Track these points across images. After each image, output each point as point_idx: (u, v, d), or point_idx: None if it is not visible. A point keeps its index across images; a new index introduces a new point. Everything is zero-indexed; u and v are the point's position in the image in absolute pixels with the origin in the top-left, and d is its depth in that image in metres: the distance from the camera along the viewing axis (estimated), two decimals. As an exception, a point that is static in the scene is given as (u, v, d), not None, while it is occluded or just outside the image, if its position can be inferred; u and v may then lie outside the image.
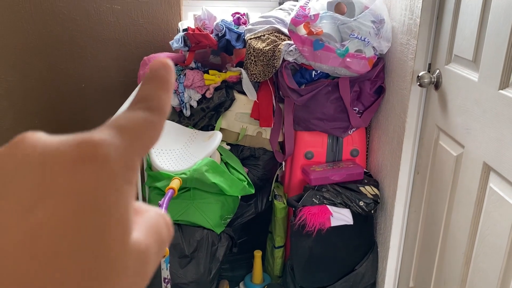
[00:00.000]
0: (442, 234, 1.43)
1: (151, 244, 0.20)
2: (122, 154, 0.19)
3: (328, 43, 1.63)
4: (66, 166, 0.18)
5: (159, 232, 0.21)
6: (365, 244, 1.80)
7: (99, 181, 0.18)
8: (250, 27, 1.86)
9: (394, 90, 1.65)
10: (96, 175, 0.18)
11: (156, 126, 0.22)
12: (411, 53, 1.50)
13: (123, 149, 0.19)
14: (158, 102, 0.22)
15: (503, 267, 1.10)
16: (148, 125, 0.21)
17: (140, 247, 0.19)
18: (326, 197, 1.69)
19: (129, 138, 0.20)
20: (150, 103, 0.22)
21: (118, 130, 0.20)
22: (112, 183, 0.18)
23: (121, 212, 0.18)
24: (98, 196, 0.18)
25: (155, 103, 0.22)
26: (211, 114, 1.84)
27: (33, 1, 2.09)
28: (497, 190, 1.13)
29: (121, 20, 2.16)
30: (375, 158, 1.85)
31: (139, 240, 0.20)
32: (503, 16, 1.08)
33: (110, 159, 0.19)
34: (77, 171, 0.18)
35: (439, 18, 1.43)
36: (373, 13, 1.61)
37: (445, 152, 1.40)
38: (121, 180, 0.19)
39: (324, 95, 1.73)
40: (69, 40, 2.17)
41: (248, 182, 1.72)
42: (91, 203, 0.17)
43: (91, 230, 0.17)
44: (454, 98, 1.34)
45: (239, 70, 1.83)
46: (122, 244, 0.18)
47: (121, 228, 0.18)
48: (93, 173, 0.18)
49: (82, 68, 2.22)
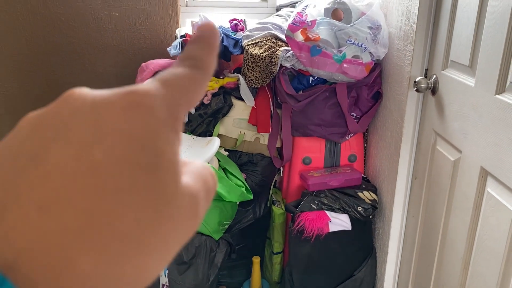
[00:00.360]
0: (440, 239, 1.43)
1: (200, 189, 0.21)
2: (167, 104, 0.20)
3: (325, 49, 1.63)
4: (117, 113, 0.19)
5: (206, 180, 0.22)
6: (363, 249, 1.80)
7: (148, 126, 0.19)
8: (248, 33, 1.86)
9: (391, 96, 1.66)
10: (144, 121, 0.19)
11: (200, 82, 0.23)
12: (407, 59, 1.50)
13: (168, 99, 0.21)
14: (203, 61, 0.24)
15: (501, 271, 1.10)
16: (192, 81, 0.23)
17: (191, 190, 0.20)
18: (324, 203, 1.69)
19: (173, 91, 0.21)
20: (195, 61, 0.23)
21: (163, 83, 0.21)
22: (159, 129, 0.19)
23: (170, 155, 0.19)
24: (148, 138, 0.19)
25: (199, 61, 0.23)
26: (209, 120, 1.85)
27: (31, 8, 2.10)
28: (494, 194, 1.13)
29: (119, 27, 2.16)
30: (373, 163, 1.85)
31: (189, 183, 0.21)
32: (499, 21, 1.09)
33: (155, 107, 0.20)
34: (127, 117, 0.19)
35: (435, 23, 1.44)
36: (370, 19, 1.62)
37: (442, 157, 1.40)
38: (166, 127, 0.20)
39: (322, 101, 1.74)
40: (67, 46, 2.17)
41: (246, 188, 1.72)
42: (143, 145, 0.18)
43: (146, 168, 0.18)
44: (451, 103, 1.34)
45: (237, 76, 1.84)
46: (175, 183, 0.19)
47: (172, 169, 0.19)
48: (141, 119, 0.19)
49: (80, 75, 2.22)
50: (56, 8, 2.11)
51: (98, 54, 2.19)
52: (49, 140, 0.18)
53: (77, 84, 2.29)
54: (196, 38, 0.25)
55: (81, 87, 0.20)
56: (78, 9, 2.12)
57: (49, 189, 0.17)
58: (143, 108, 0.19)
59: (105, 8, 2.13)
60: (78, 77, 2.22)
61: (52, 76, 2.21)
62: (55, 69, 2.20)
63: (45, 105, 0.20)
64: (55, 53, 2.17)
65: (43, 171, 0.17)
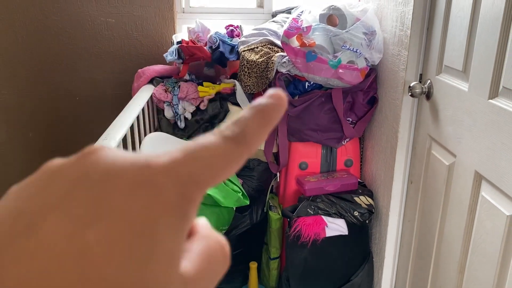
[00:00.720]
0: (436, 243, 1.44)
1: (200, 275, 0.19)
2: (182, 183, 0.18)
3: (321, 54, 1.64)
4: (122, 190, 0.18)
5: (213, 260, 0.20)
6: (360, 254, 1.80)
7: (150, 210, 0.18)
8: (244, 39, 1.87)
9: (386, 100, 1.66)
10: (148, 204, 0.18)
11: (233, 161, 0.20)
12: (402, 64, 1.51)
13: (185, 177, 0.19)
14: (251, 138, 0.20)
15: (496, 275, 1.10)
16: (224, 158, 0.19)
17: (187, 279, 0.19)
18: (321, 208, 1.69)
19: (196, 167, 0.19)
20: (240, 136, 0.20)
21: (188, 155, 0.19)
22: (164, 213, 0.18)
23: (169, 244, 0.18)
24: (148, 224, 0.17)
25: (246, 138, 0.20)
26: (206, 126, 1.85)
27: (27, 15, 2.11)
28: (489, 198, 1.14)
29: (115, 34, 2.17)
30: (369, 168, 1.86)
31: (188, 270, 0.19)
32: (491, 27, 1.10)
33: (166, 187, 0.18)
34: (131, 196, 0.18)
35: (429, 29, 1.45)
36: (365, 24, 1.63)
37: (437, 161, 1.41)
38: (174, 210, 0.18)
39: (318, 106, 1.74)
40: (64, 53, 2.18)
41: (242, 193, 1.72)
42: (140, 231, 0.17)
43: (138, 260, 0.17)
44: (445, 108, 1.35)
45: (233, 82, 1.84)
46: (167, 276, 0.18)
47: (168, 260, 0.18)
48: (146, 201, 0.18)
49: (77, 81, 2.23)
50: (53, 15, 2.12)
51: (95, 61, 2.20)
52: (50, 208, 0.17)
53: (73, 91, 2.29)
54: (257, 105, 0.21)
55: (102, 146, 0.19)
56: (75, 16, 2.13)
57: (33, 267, 0.16)
58: (150, 187, 0.18)
59: (101, 15, 2.14)
60: (75, 84, 2.23)
61: (48, 83, 2.21)
62: (52, 76, 2.20)
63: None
64: (51, 60, 2.18)
65: (33, 244, 0.16)
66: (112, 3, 2.13)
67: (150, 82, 1.96)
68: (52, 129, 2.28)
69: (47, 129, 2.27)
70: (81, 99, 2.25)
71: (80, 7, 2.12)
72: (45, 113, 2.24)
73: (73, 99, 2.25)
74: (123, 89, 2.21)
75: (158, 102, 1.89)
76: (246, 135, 0.20)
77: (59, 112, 2.26)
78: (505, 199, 1.08)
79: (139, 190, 0.18)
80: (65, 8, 2.11)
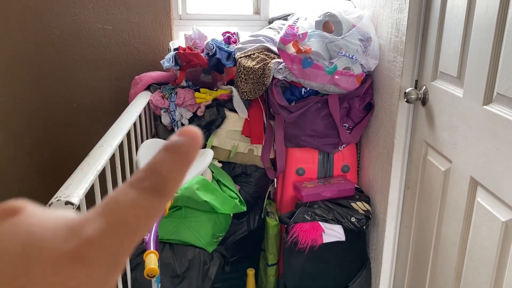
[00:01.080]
0: (433, 249, 1.44)
1: None
2: (108, 253, 0.18)
3: (317, 61, 1.65)
4: (48, 264, 0.17)
5: None
6: (357, 260, 1.80)
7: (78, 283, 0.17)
8: (240, 46, 1.88)
9: (382, 106, 1.67)
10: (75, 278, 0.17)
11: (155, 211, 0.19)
12: (398, 70, 1.52)
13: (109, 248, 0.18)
14: (166, 183, 0.19)
15: (493, 280, 1.11)
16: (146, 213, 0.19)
17: None
18: (318, 214, 1.69)
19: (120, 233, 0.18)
20: (156, 183, 0.19)
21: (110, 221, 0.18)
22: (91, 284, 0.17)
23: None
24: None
25: (162, 183, 0.19)
26: (203, 132, 1.85)
27: (24, 21, 2.11)
28: (484, 204, 1.14)
29: (112, 41, 2.18)
30: (365, 173, 1.86)
31: None
32: (485, 33, 1.11)
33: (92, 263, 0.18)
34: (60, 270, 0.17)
35: (424, 36, 1.46)
36: (360, 31, 1.64)
37: (433, 167, 1.41)
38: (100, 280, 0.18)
39: (314, 112, 1.75)
40: (61, 60, 2.18)
41: (240, 200, 1.72)
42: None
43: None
44: (441, 114, 1.36)
45: (230, 88, 1.85)
46: None
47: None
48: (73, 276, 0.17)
49: (74, 88, 2.23)
50: (50, 22, 2.13)
51: (91, 68, 2.20)
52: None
53: (70, 98, 2.29)
54: (171, 146, 0.20)
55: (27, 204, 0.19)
56: (71, 23, 2.13)
57: None
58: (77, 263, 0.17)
59: (98, 22, 2.15)
60: (72, 90, 2.23)
61: (45, 90, 2.21)
62: (49, 83, 2.21)
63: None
64: (48, 67, 2.18)
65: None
66: (109, 10, 2.14)
67: (147, 88, 1.97)
68: (49, 136, 2.27)
69: (44, 136, 2.27)
70: (78, 106, 2.26)
71: (77, 14, 2.13)
72: (42, 120, 2.24)
73: (70, 106, 2.25)
74: (120, 95, 2.21)
75: (155, 109, 1.89)
76: (167, 183, 0.19)
77: (56, 119, 2.26)
78: (500, 205, 1.08)
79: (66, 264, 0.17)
80: (62, 15, 2.12)
